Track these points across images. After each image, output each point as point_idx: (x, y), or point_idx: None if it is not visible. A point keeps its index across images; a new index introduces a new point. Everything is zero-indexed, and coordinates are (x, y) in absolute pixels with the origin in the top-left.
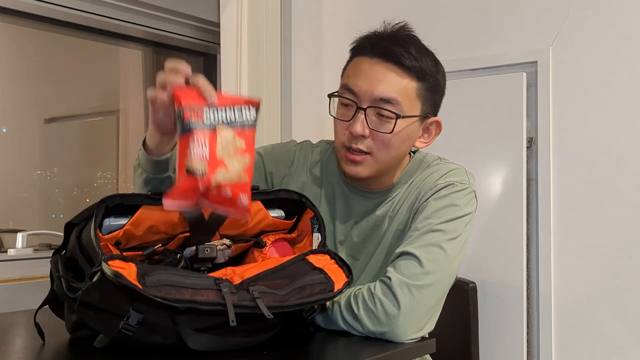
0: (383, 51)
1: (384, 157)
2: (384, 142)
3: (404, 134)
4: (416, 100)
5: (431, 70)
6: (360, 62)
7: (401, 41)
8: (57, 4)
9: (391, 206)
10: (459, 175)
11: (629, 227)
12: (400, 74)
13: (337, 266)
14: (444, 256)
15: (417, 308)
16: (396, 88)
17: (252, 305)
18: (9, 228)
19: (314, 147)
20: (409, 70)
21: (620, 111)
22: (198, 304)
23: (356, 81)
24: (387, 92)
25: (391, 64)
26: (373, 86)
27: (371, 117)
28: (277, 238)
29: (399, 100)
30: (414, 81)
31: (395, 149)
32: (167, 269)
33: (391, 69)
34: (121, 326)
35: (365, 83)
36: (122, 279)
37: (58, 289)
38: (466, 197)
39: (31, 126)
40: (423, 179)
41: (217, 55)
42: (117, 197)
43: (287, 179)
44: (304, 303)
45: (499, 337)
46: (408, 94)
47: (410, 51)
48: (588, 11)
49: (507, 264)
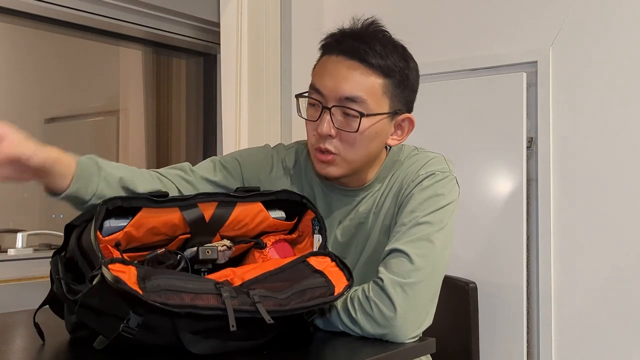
0: (348, 49)
1: (353, 156)
2: (351, 141)
3: (372, 132)
4: (383, 98)
5: (398, 65)
6: (327, 60)
7: (367, 38)
8: (57, 4)
9: (374, 202)
10: (438, 164)
11: (629, 227)
12: (365, 71)
13: (337, 269)
14: (432, 249)
15: (413, 306)
16: (361, 86)
17: (253, 309)
18: (9, 228)
19: (288, 149)
20: (373, 67)
21: (620, 111)
22: (198, 309)
23: (322, 80)
24: (351, 91)
25: (356, 61)
26: (338, 85)
27: (337, 116)
28: (277, 239)
29: (364, 99)
30: (379, 78)
31: (363, 147)
32: (167, 272)
33: (356, 67)
34: (121, 329)
35: (330, 82)
36: (122, 285)
37: (58, 290)
38: (448, 184)
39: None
40: (404, 171)
41: (217, 55)
42: (117, 200)
43: (267, 184)
44: (305, 307)
45: (499, 337)
46: (374, 92)
47: (375, 48)
48: (588, 11)
49: (507, 264)
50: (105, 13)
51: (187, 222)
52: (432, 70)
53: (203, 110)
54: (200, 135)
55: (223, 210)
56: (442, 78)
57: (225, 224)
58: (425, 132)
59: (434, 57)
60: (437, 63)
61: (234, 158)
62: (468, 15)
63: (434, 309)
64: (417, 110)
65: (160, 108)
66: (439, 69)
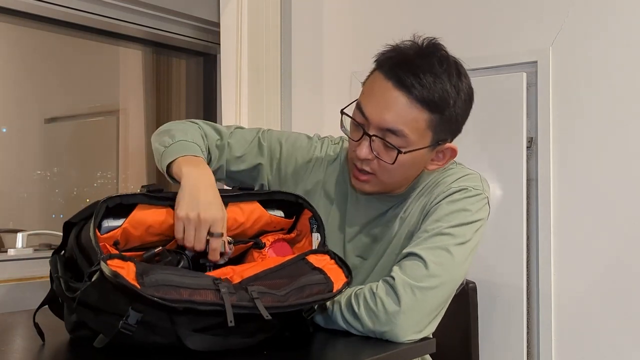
0: (397, 77)
1: (389, 180)
2: (389, 168)
3: (409, 161)
4: (426, 131)
5: (447, 100)
6: (376, 80)
7: (419, 66)
8: (57, 4)
9: (403, 207)
10: (473, 180)
11: (629, 227)
12: (410, 104)
13: (336, 266)
14: (450, 260)
15: (419, 309)
16: (404, 119)
17: (251, 305)
18: (9, 228)
19: (334, 144)
20: (420, 102)
21: (620, 111)
22: (196, 304)
23: (368, 104)
24: (393, 123)
25: (403, 92)
26: (381, 114)
27: (377, 143)
28: (276, 239)
29: (405, 133)
30: (424, 113)
31: (400, 174)
32: (166, 268)
33: (402, 97)
34: (120, 326)
35: (375, 109)
36: (120, 279)
37: (57, 288)
38: (478, 202)
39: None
40: (437, 181)
41: (217, 55)
42: (117, 198)
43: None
44: (303, 303)
45: (499, 337)
46: (417, 127)
47: (425, 80)
48: (588, 11)
49: (507, 264)
50: (105, 13)
51: None
52: None
53: (203, 110)
54: None
55: None
56: None
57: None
58: None
59: None
60: None
61: (278, 139)
62: (468, 15)
63: (439, 318)
64: None
65: (160, 108)
66: None
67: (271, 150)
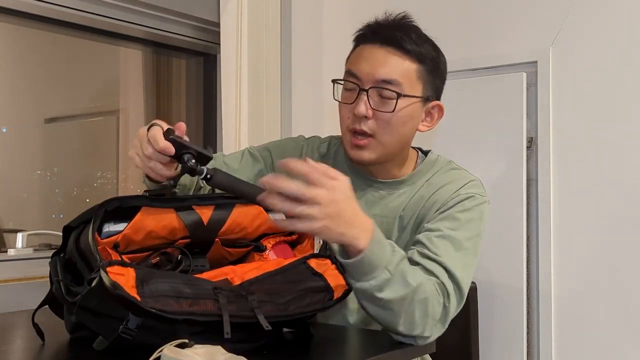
0: (384, 37)
1: (387, 138)
2: (386, 122)
3: (405, 115)
4: (417, 82)
5: (431, 54)
6: (363, 49)
7: (402, 27)
8: (57, 4)
9: (401, 204)
10: (477, 187)
11: (628, 227)
12: (401, 56)
13: (337, 272)
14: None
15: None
16: (397, 70)
17: (251, 315)
18: (9, 228)
19: (322, 142)
20: (409, 53)
21: (620, 111)
22: (196, 315)
23: (358, 66)
24: (388, 74)
25: (392, 47)
26: (375, 69)
27: (373, 97)
28: (277, 241)
29: (399, 82)
30: (414, 63)
31: (397, 129)
32: (167, 274)
33: (392, 53)
34: (121, 330)
35: (367, 66)
36: (119, 290)
37: (57, 291)
38: (487, 211)
39: (31, 126)
40: (439, 185)
41: (217, 55)
42: (115, 201)
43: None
44: (303, 312)
45: (499, 337)
46: (409, 76)
47: (411, 36)
48: (588, 11)
49: (507, 264)
50: (105, 13)
51: (186, 225)
52: None
53: (203, 110)
54: (200, 135)
55: (221, 212)
56: None
57: (224, 227)
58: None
59: None
60: None
61: (266, 147)
62: (468, 15)
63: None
64: None
65: (160, 108)
66: None
67: (263, 157)
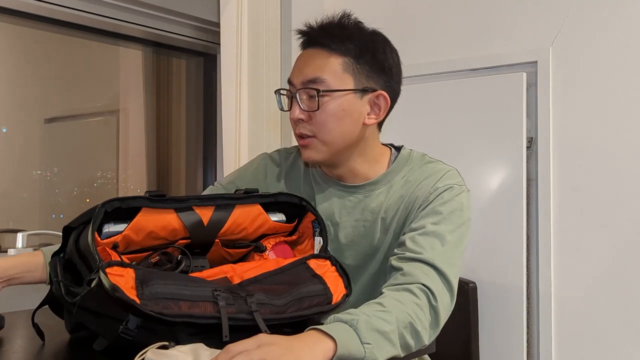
0: (310, 39)
1: (328, 137)
2: (322, 122)
3: (338, 110)
4: (344, 75)
5: (360, 45)
6: (298, 57)
7: (327, 27)
8: (57, 4)
9: (380, 205)
10: (455, 177)
11: (628, 227)
12: (323, 55)
13: (337, 274)
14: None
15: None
16: (320, 68)
17: (250, 318)
18: (9, 228)
19: (287, 153)
20: (330, 49)
21: (620, 111)
22: (194, 318)
23: (292, 73)
24: (312, 72)
25: (316, 48)
26: (301, 71)
27: (303, 99)
28: (277, 241)
29: (323, 78)
30: (338, 57)
31: (334, 126)
32: (166, 275)
33: (315, 53)
34: (121, 331)
35: (296, 71)
36: (119, 293)
37: (57, 292)
38: (467, 199)
39: (31, 126)
40: (417, 181)
41: (217, 55)
42: (116, 201)
43: (264, 191)
44: (302, 316)
45: (499, 337)
46: (333, 70)
47: (332, 32)
48: (588, 11)
49: (507, 264)
50: (105, 13)
51: (186, 226)
52: (432, 70)
53: (203, 110)
54: (200, 135)
55: (221, 213)
56: (442, 78)
57: (224, 228)
58: (426, 132)
59: (434, 57)
60: (437, 63)
61: (230, 181)
62: (468, 15)
63: None
64: (417, 110)
65: (160, 108)
66: (439, 69)
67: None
